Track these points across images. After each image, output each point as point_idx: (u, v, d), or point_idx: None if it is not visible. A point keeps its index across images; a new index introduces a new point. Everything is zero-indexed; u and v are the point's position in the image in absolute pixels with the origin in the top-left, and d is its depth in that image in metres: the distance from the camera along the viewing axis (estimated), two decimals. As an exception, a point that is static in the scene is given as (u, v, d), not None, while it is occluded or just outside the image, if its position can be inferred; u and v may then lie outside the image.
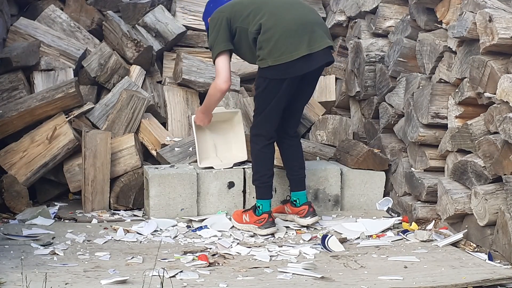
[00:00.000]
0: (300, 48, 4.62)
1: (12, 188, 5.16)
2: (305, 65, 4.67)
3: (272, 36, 4.63)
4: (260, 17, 4.67)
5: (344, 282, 3.95)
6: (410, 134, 5.06)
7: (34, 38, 5.77)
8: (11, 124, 5.26)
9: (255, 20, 4.68)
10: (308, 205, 4.91)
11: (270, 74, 4.68)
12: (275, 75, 4.67)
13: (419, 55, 5.09)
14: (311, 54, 4.64)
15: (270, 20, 4.65)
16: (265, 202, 4.81)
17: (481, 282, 3.94)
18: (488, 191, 4.35)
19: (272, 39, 4.62)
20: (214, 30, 4.78)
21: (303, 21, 4.68)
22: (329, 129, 5.94)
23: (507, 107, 4.18)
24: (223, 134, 5.31)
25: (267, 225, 4.77)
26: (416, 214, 4.99)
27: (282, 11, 4.70)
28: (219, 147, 5.30)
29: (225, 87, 4.79)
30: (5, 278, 3.85)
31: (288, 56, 4.61)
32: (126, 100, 5.48)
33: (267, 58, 4.64)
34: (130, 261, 4.25)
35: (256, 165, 4.86)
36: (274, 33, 4.63)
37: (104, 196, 5.25)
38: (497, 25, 4.22)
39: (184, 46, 6.28)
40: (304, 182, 4.98)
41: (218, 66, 4.77)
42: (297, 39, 4.62)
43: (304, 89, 4.89)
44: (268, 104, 4.74)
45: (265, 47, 4.64)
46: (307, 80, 4.82)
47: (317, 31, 4.69)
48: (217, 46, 4.75)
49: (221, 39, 4.75)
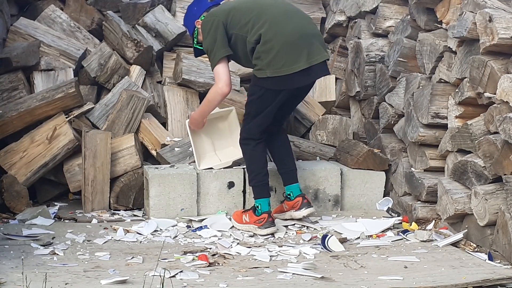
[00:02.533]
0: (299, 61, 4.65)
1: (12, 188, 5.16)
2: (304, 78, 4.71)
3: (272, 48, 4.64)
4: (260, 27, 4.68)
5: (344, 282, 3.95)
6: (410, 134, 5.06)
7: (34, 38, 5.77)
8: (11, 124, 5.26)
9: (254, 30, 4.69)
10: (302, 196, 4.93)
11: (267, 85, 4.71)
12: (272, 86, 4.71)
13: (419, 55, 5.10)
14: (310, 67, 4.68)
15: (270, 31, 4.66)
16: (263, 201, 4.82)
17: (481, 282, 3.94)
18: (488, 191, 4.35)
19: (272, 51, 4.64)
20: (210, 34, 4.77)
21: (302, 33, 4.71)
22: (329, 129, 5.94)
23: (507, 107, 4.18)
24: (219, 132, 5.33)
25: (267, 225, 4.77)
26: (416, 214, 5.00)
27: (282, 22, 4.70)
28: (217, 143, 5.31)
29: (226, 90, 4.79)
30: (5, 278, 3.85)
31: (288, 69, 4.64)
32: (126, 100, 5.48)
33: (265, 69, 4.66)
34: (130, 261, 4.25)
35: (250, 165, 4.89)
36: (274, 44, 4.64)
37: (104, 196, 5.25)
38: (497, 25, 4.22)
39: (184, 46, 6.28)
40: (295, 175, 5.00)
41: (219, 71, 4.77)
42: (297, 52, 4.65)
43: (296, 98, 5.00)
44: (261, 112, 4.78)
45: (264, 58, 4.66)
46: (301, 90, 4.89)
47: (315, 44, 4.73)
48: (218, 52, 4.75)
49: (220, 44, 4.75)
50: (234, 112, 5.32)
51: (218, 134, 5.33)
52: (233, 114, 5.32)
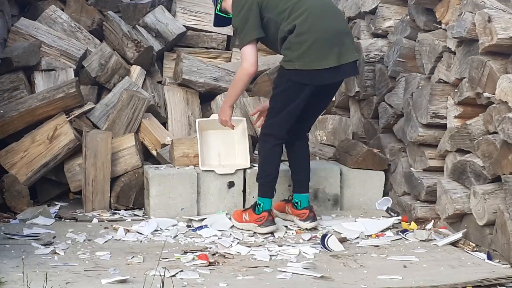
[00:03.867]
0: (330, 58, 4.58)
1: (13, 188, 5.17)
2: (332, 75, 4.64)
3: (305, 41, 4.55)
4: (296, 17, 4.58)
5: (343, 282, 3.96)
6: (410, 134, 5.07)
7: (35, 38, 5.78)
8: (12, 124, 5.28)
9: (290, 19, 4.59)
10: (309, 209, 4.90)
11: (295, 77, 4.61)
12: (299, 79, 4.61)
13: (418, 55, 5.10)
14: (339, 66, 4.61)
15: (306, 23, 4.57)
16: (267, 200, 4.81)
17: (480, 282, 3.95)
18: (487, 190, 4.36)
19: (304, 44, 4.55)
20: (242, 12, 4.64)
21: (336, 31, 4.64)
22: (328, 129, 5.95)
23: (506, 107, 4.18)
24: (227, 143, 5.27)
25: (267, 224, 4.77)
26: (416, 214, 5.00)
27: (318, 16, 4.61)
28: (223, 155, 5.27)
29: (252, 70, 4.66)
30: (6, 277, 3.86)
31: (317, 64, 4.56)
32: (127, 100, 5.49)
33: (295, 61, 4.58)
34: (130, 260, 4.26)
35: (264, 164, 4.83)
36: (307, 38, 4.56)
37: (105, 195, 5.26)
38: (496, 25, 4.23)
39: (184, 46, 6.30)
40: (307, 185, 4.97)
41: (246, 51, 4.64)
42: (328, 49, 4.58)
43: (323, 98, 4.87)
44: (286, 107, 4.69)
45: (295, 50, 4.58)
46: (328, 89, 4.80)
47: (346, 43, 4.66)
48: (249, 34, 4.63)
49: (252, 25, 4.63)
50: (245, 123, 5.24)
51: (225, 147, 5.28)
52: (244, 124, 5.25)
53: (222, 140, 5.26)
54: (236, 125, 5.22)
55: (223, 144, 5.26)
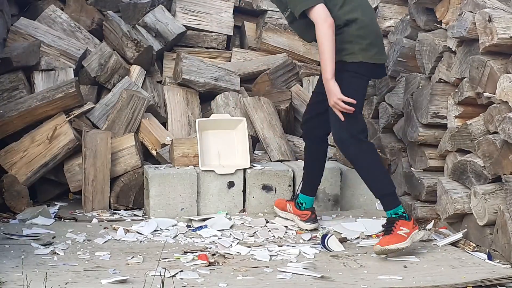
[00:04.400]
0: (384, 54, 4.59)
1: (12, 188, 5.17)
2: (383, 71, 4.65)
3: (369, 34, 4.46)
4: (353, 9, 4.43)
5: (343, 282, 3.96)
6: (410, 134, 5.07)
7: (34, 38, 5.77)
8: (12, 124, 5.27)
9: (345, 9, 4.41)
10: (312, 211, 4.90)
11: (360, 70, 4.44)
12: (364, 72, 4.46)
13: (419, 55, 5.10)
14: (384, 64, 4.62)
15: (365, 16, 4.48)
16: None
17: (480, 282, 3.95)
18: (487, 190, 4.36)
19: (368, 36, 4.45)
20: None
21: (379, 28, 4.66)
22: (329, 129, 5.94)
23: (507, 107, 4.18)
24: (227, 143, 5.27)
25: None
26: (416, 214, 5.00)
27: (368, 10, 4.58)
28: (223, 155, 5.27)
29: (330, 21, 4.30)
30: (6, 277, 3.86)
31: (379, 58, 4.50)
32: (126, 100, 5.49)
33: (358, 54, 4.42)
34: (130, 260, 4.26)
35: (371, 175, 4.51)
36: (370, 31, 4.48)
37: (104, 195, 5.25)
38: (497, 25, 4.23)
39: (184, 46, 6.29)
40: (316, 190, 4.98)
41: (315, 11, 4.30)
42: (382, 45, 4.58)
43: None
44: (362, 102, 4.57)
45: (358, 43, 4.41)
46: None
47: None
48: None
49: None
50: (245, 123, 5.25)
51: (225, 147, 5.28)
52: (243, 125, 5.25)
53: (222, 140, 5.26)
54: (236, 125, 5.23)
55: (223, 144, 5.26)
